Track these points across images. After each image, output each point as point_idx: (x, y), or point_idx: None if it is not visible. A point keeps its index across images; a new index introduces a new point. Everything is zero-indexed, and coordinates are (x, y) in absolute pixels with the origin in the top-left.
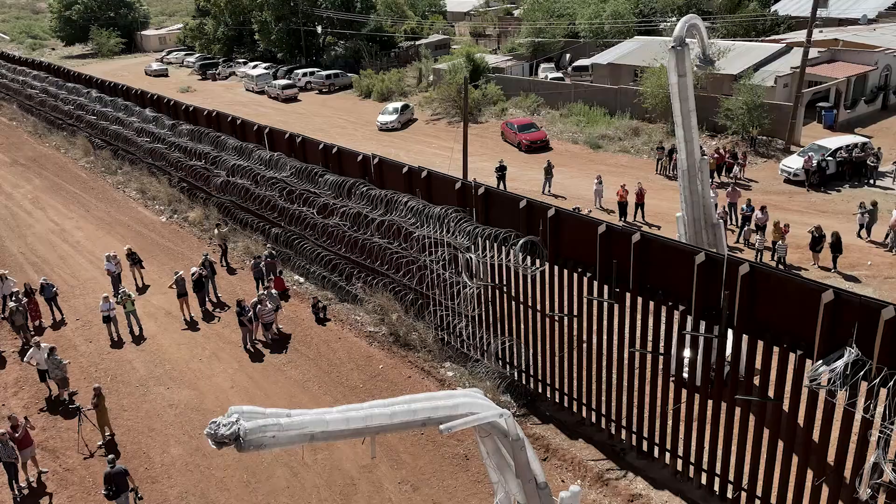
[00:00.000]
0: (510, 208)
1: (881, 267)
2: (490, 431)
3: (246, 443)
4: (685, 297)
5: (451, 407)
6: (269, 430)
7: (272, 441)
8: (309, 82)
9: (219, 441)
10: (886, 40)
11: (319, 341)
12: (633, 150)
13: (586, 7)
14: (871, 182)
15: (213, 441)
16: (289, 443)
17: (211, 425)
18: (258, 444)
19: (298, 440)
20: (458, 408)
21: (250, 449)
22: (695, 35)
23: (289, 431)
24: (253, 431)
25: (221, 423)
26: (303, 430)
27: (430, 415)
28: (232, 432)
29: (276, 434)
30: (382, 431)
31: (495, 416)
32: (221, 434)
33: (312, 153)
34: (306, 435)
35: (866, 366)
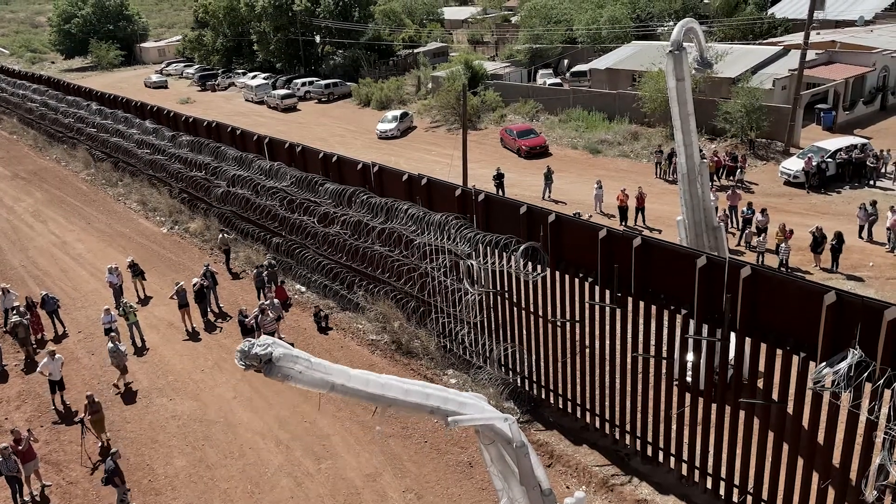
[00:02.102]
0: (511, 214)
1: (883, 268)
2: (493, 438)
3: (275, 367)
4: (687, 300)
5: (459, 403)
6: (299, 363)
7: (298, 375)
8: (308, 92)
9: (249, 359)
10: (884, 41)
11: (321, 350)
12: (633, 155)
13: (583, 13)
14: (872, 183)
15: (243, 358)
16: (311, 384)
17: (245, 343)
18: (285, 374)
19: (320, 385)
20: (466, 406)
21: (277, 375)
22: (692, 39)
23: (314, 372)
24: (284, 358)
25: (257, 343)
26: (327, 375)
27: (440, 404)
28: (266, 353)
29: (303, 370)
30: (394, 405)
31: (500, 420)
32: (255, 353)
33: (312, 162)
34: (328, 382)
35: (870, 367)
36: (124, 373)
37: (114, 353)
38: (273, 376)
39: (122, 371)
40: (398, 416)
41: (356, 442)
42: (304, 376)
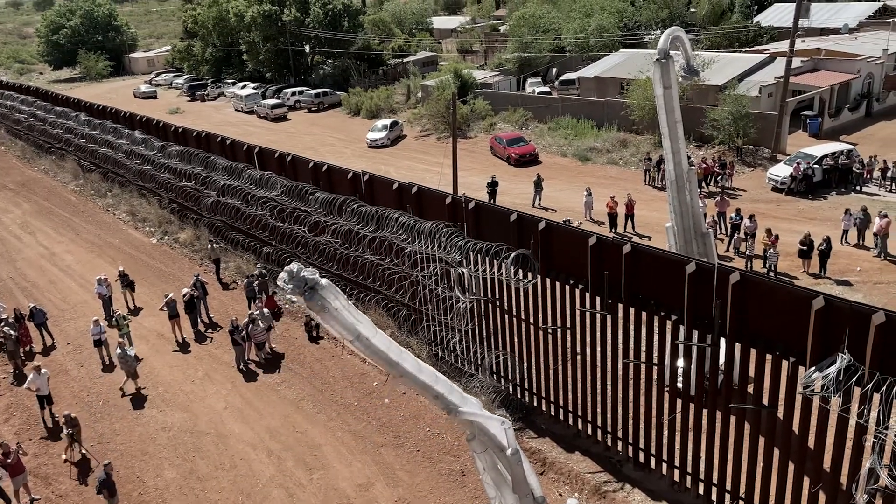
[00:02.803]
0: (501, 222)
1: (870, 272)
2: (487, 445)
3: (317, 295)
4: (677, 306)
5: (462, 398)
6: (339, 301)
7: (334, 311)
8: (298, 101)
9: (295, 280)
10: (867, 49)
11: (313, 360)
12: (622, 162)
13: (571, 22)
14: (858, 189)
15: (289, 278)
16: (342, 324)
17: (293, 265)
18: (324, 305)
19: (349, 330)
20: (468, 403)
21: (317, 304)
22: (679, 47)
23: (347, 316)
24: (328, 289)
25: (305, 268)
26: (358, 323)
27: (445, 392)
28: (313, 278)
29: (339, 308)
30: (406, 378)
31: (497, 422)
32: (303, 276)
33: (303, 171)
34: (356, 331)
35: (859, 371)
36: (134, 378)
37: (122, 359)
38: (313, 304)
39: (132, 376)
40: (391, 425)
41: (348, 452)
42: (338, 314)
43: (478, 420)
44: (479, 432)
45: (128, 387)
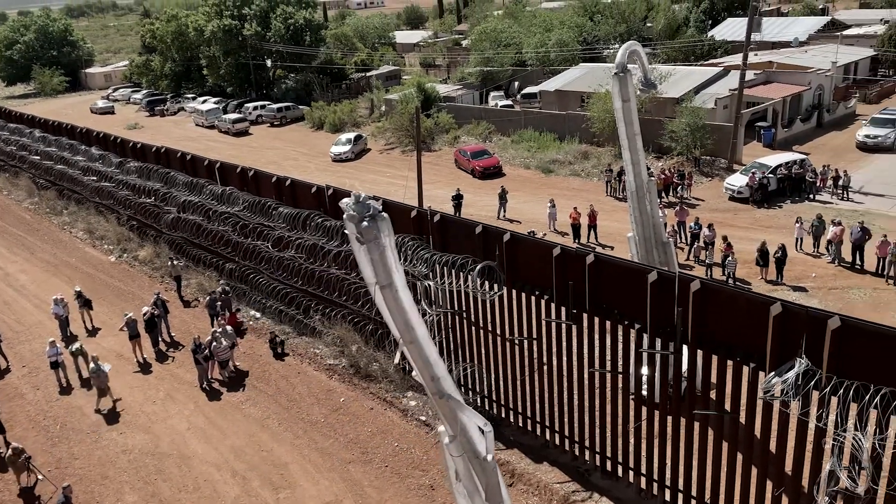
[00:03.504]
0: (466, 234)
1: (825, 278)
2: (464, 448)
3: (376, 224)
4: (640, 315)
5: (454, 388)
6: (389, 240)
7: (381, 246)
8: (260, 116)
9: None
10: (817, 61)
11: (278, 377)
12: (584, 174)
13: (532, 36)
14: (811, 197)
15: (354, 201)
16: (382, 265)
17: (354, 195)
18: (376, 236)
19: (386, 273)
20: (457, 393)
21: (372, 231)
22: (636, 61)
23: (391, 257)
24: (386, 223)
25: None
26: (395, 271)
27: (442, 377)
28: (377, 206)
29: (386, 245)
30: (415, 346)
31: (480, 422)
32: (369, 202)
33: (265, 186)
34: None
35: (816, 375)
36: (104, 395)
37: (95, 374)
38: (369, 231)
39: (102, 394)
40: (358, 441)
41: (315, 469)
42: (384, 252)
43: (464, 415)
44: (460, 432)
45: (103, 403)
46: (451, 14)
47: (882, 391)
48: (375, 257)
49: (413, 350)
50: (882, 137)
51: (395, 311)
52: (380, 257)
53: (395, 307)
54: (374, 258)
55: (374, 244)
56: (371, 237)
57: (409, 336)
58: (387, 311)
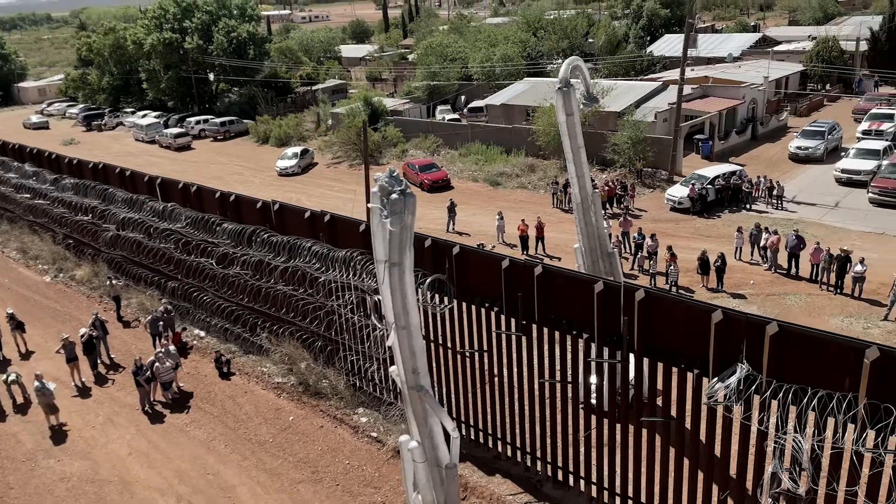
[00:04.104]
0: (416, 248)
1: (763, 285)
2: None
3: (402, 200)
4: (588, 325)
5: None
6: (411, 219)
7: (405, 223)
8: (203, 130)
9: (395, 178)
10: (750, 76)
11: (224, 397)
12: (531, 186)
13: (477, 51)
14: (748, 207)
15: (389, 175)
16: (398, 241)
17: (390, 170)
18: (402, 210)
19: (396, 252)
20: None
21: (399, 203)
22: (579, 76)
23: (408, 237)
24: (413, 202)
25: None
26: (404, 251)
27: (422, 372)
28: (408, 185)
29: (408, 225)
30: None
31: (451, 426)
32: (401, 178)
33: (209, 202)
34: (403, 255)
35: (757, 380)
36: (53, 412)
37: (40, 392)
38: (395, 205)
39: (50, 411)
40: (308, 460)
41: (264, 491)
42: (405, 230)
43: (435, 416)
44: (427, 435)
45: (53, 420)
46: (397, 28)
47: (819, 394)
48: (395, 230)
49: (403, 336)
50: (812, 149)
51: (397, 292)
52: (399, 233)
53: (398, 288)
54: (394, 231)
55: (398, 217)
56: (398, 209)
57: (404, 320)
58: (389, 292)
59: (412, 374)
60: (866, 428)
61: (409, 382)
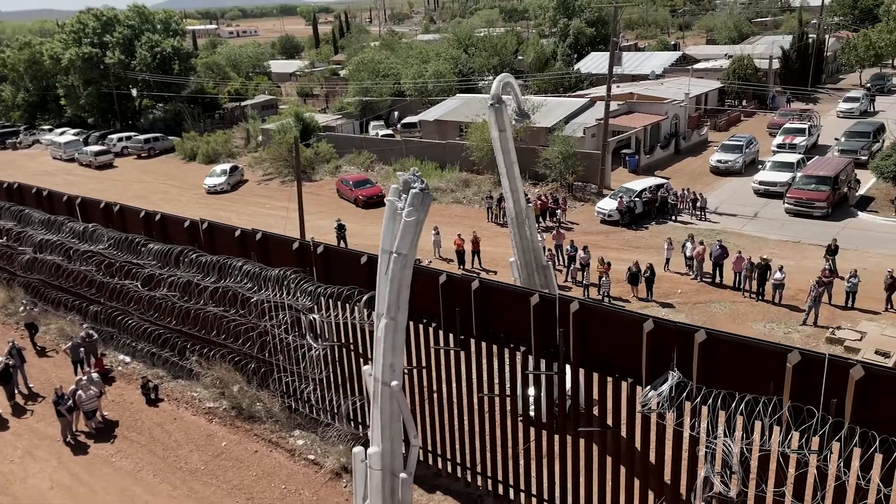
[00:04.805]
0: (352, 265)
1: (689, 294)
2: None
3: (421, 196)
4: (525, 338)
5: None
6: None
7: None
8: (125, 147)
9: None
10: (672, 92)
11: (152, 424)
12: (466, 201)
13: (409, 67)
14: (674, 218)
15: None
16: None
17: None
18: (419, 209)
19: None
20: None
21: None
22: (510, 92)
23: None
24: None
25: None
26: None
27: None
28: (426, 186)
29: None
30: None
31: (414, 435)
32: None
33: (133, 222)
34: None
35: (688, 386)
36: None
37: None
38: (415, 199)
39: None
40: (243, 486)
41: None
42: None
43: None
44: (388, 439)
45: None
46: (328, 44)
47: (746, 398)
48: (411, 221)
49: (389, 328)
50: (732, 162)
51: (395, 282)
52: (413, 225)
53: (398, 278)
54: (409, 223)
55: (415, 210)
56: (417, 203)
57: (393, 312)
58: (387, 282)
59: (388, 370)
60: (791, 430)
61: (384, 378)
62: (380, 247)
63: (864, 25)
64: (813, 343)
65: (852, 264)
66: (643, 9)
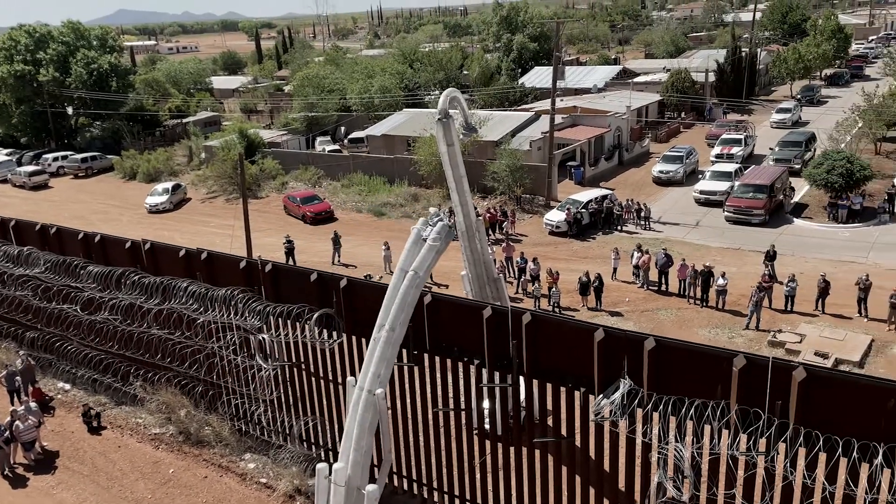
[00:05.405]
0: (301, 283)
1: (637, 302)
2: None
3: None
4: (478, 351)
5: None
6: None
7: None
8: (61, 167)
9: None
10: (614, 105)
11: (95, 454)
12: (415, 215)
13: (355, 82)
14: (619, 228)
15: (441, 212)
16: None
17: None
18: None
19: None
20: None
21: (443, 233)
22: (457, 107)
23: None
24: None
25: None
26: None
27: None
28: (448, 223)
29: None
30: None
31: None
32: (442, 221)
33: (71, 244)
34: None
35: (639, 394)
36: None
37: None
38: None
39: None
40: None
41: None
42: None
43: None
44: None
45: None
46: (271, 60)
47: (695, 402)
48: (435, 247)
49: (388, 341)
50: (673, 172)
51: (406, 299)
52: (435, 252)
53: (407, 296)
54: (433, 247)
55: (439, 238)
56: (443, 233)
57: (394, 325)
58: (400, 297)
59: (375, 378)
60: (739, 432)
61: (368, 385)
62: (398, 266)
63: (794, 39)
64: (756, 347)
65: (790, 269)
66: (584, 24)
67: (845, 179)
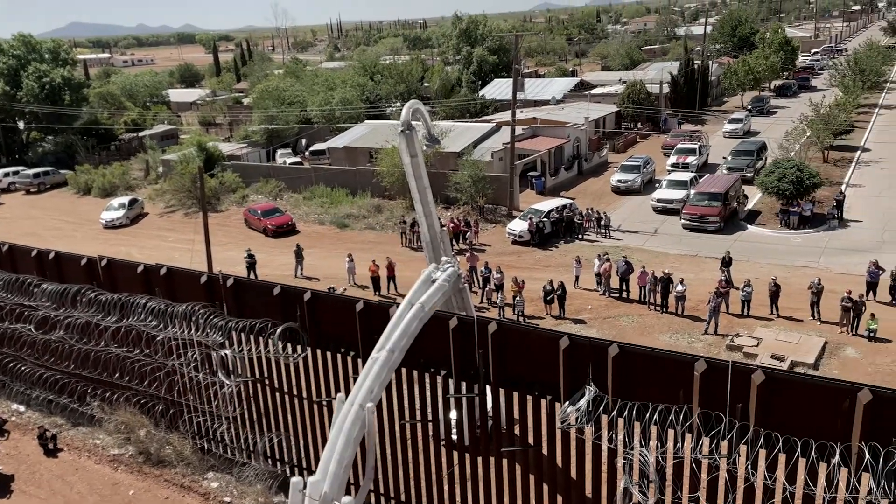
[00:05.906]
0: (264, 297)
1: (599, 309)
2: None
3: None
4: (445, 361)
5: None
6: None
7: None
8: (12, 183)
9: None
10: (573, 117)
11: (51, 477)
12: (378, 227)
13: (315, 95)
14: (580, 237)
15: (451, 257)
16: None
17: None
18: (453, 279)
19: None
20: None
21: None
22: (419, 119)
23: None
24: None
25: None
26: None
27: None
28: (457, 270)
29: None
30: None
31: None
32: (453, 268)
33: (23, 262)
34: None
35: (604, 400)
36: None
37: None
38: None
39: None
40: None
41: None
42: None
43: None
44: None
45: None
46: (230, 72)
47: (658, 408)
48: (444, 286)
49: (385, 361)
50: (631, 181)
51: (412, 326)
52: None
53: (412, 324)
54: (441, 286)
55: (450, 278)
56: (452, 277)
57: (396, 348)
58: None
59: (367, 393)
60: (701, 436)
61: (360, 400)
62: (406, 299)
63: (743, 52)
64: (715, 351)
65: (745, 274)
66: (542, 37)
67: (796, 187)
